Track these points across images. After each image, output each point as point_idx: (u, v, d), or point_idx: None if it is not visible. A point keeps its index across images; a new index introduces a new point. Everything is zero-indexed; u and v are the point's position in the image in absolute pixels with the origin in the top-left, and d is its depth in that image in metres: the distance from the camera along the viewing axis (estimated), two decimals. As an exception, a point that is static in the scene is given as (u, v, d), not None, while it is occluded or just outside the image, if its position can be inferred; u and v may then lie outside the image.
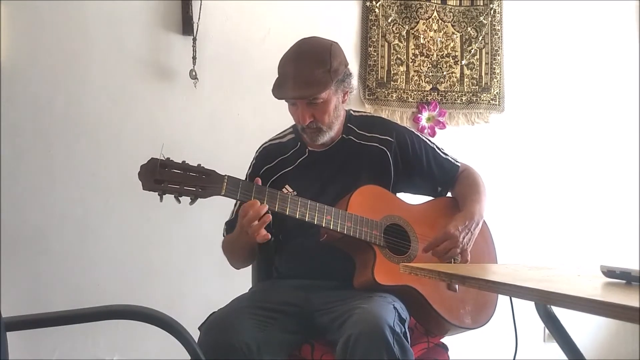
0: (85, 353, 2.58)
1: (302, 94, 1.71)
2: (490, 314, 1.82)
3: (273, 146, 1.91)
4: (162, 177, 1.51)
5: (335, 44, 1.79)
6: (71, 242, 2.58)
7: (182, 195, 1.53)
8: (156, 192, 1.51)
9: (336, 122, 1.80)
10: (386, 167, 1.85)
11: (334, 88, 1.74)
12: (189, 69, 2.61)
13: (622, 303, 0.88)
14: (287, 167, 1.85)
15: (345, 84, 1.79)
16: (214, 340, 1.54)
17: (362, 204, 1.73)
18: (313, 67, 1.70)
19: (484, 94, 2.94)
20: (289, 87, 1.71)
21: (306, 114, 1.73)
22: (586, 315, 0.97)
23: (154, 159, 1.52)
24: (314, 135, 1.79)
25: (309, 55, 1.73)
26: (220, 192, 1.57)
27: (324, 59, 1.72)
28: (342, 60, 1.77)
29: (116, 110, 2.62)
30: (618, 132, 3.09)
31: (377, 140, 1.86)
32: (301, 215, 1.65)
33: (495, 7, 2.94)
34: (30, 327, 1.19)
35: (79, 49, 2.59)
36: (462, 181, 1.94)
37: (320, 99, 1.72)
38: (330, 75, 1.71)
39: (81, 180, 2.59)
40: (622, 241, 3.00)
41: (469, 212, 1.79)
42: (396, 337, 1.48)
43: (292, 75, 1.71)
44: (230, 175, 1.59)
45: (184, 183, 1.53)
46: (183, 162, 1.55)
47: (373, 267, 1.67)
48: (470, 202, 1.83)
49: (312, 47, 1.76)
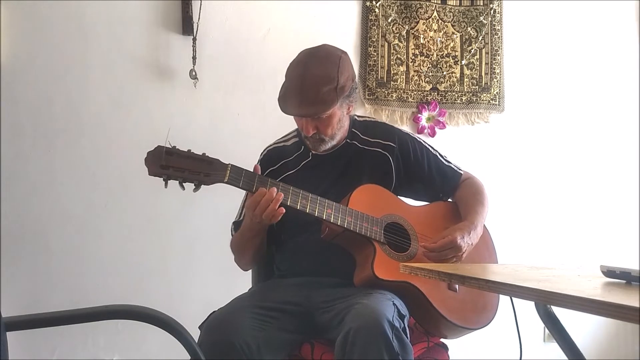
0: (85, 353, 2.58)
1: (307, 113, 1.72)
2: (491, 316, 1.82)
3: (277, 149, 1.93)
4: (168, 163, 1.55)
5: (344, 55, 1.78)
6: (71, 241, 2.58)
7: (186, 181, 1.57)
8: (161, 177, 1.55)
9: (339, 132, 1.82)
10: (388, 172, 1.86)
11: (339, 103, 1.74)
12: (189, 69, 2.61)
13: (622, 303, 0.88)
14: (290, 170, 1.87)
15: (351, 98, 1.79)
16: (214, 340, 1.55)
17: (363, 201, 1.74)
18: (320, 85, 1.69)
19: (484, 94, 2.94)
20: (295, 105, 1.71)
21: (310, 127, 1.75)
22: (586, 315, 0.97)
23: (160, 147, 1.56)
24: (317, 144, 1.82)
25: (317, 72, 1.71)
26: (224, 179, 1.59)
27: (331, 77, 1.71)
28: (349, 75, 1.76)
29: (116, 110, 2.62)
30: (618, 132, 3.09)
31: (380, 145, 1.87)
32: (302, 207, 1.66)
33: (495, 7, 2.94)
34: (30, 327, 1.18)
35: (78, 48, 2.59)
36: (465, 189, 1.94)
37: (324, 115, 1.73)
38: (337, 93, 1.71)
39: (81, 180, 2.59)
40: (622, 241, 3.00)
41: (473, 224, 1.79)
42: (395, 332, 1.48)
43: (298, 92, 1.70)
44: (233, 164, 1.62)
45: (189, 170, 1.56)
46: (188, 150, 1.59)
47: (373, 262, 1.67)
48: (474, 213, 1.84)
49: (320, 62, 1.73)
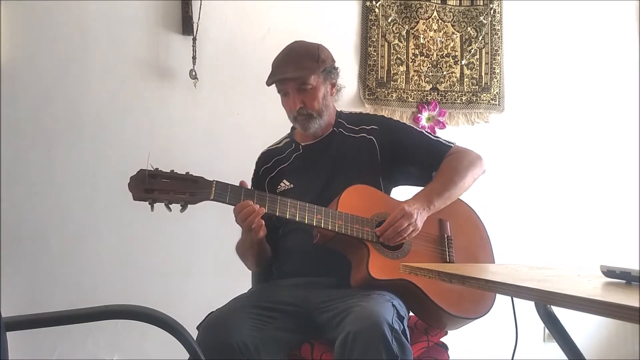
0: (85, 353, 2.58)
1: (292, 75, 1.81)
2: (489, 304, 1.80)
3: (270, 151, 2.01)
4: (152, 187, 1.56)
5: (322, 45, 1.92)
6: (71, 242, 2.58)
7: (172, 202, 1.58)
8: (147, 201, 1.56)
9: (326, 111, 1.88)
10: (373, 153, 1.89)
11: (322, 77, 1.86)
12: (189, 69, 2.61)
13: (622, 303, 0.88)
14: (283, 164, 1.94)
15: (332, 75, 1.90)
16: (212, 340, 1.55)
17: (352, 203, 1.74)
18: (302, 56, 1.84)
19: (484, 93, 2.94)
20: (280, 72, 1.82)
21: (297, 100, 1.83)
22: (586, 315, 0.97)
23: (142, 170, 1.57)
24: (305, 122, 1.86)
25: (299, 49, 1.87)
26: (209, 196, 1.61)
27: (312, 52, 1.86)
28: (329, 56, 1.90)
29: (116, 110, 2.62)
30: (618, 132, 3.09)
31: (364, 131, 1.93)
32: (291, 215, 1.68)
33: (495, 7, 2.94)
34: (30, 327, 1.18)
35: (78, 49, 2.60)
36: (446, 164, 1.88)
37: (309, 85, 1.82)
38: (318, 64, 1.84)
39: (81, 180, 2.59)
40: (622, 241, 3.00)
41: (425, 197, 1.78)
42: (395, 335, 1.48)
43: (283, 62, 1.83)
44: (218, 181, 1.63)
45: (173, 191, 1.57)
46: (171, 171, 1.59)
47: (367, 262, 1.67)
48: (430, 191, 1.81)
49: (301, 44, 1.90)
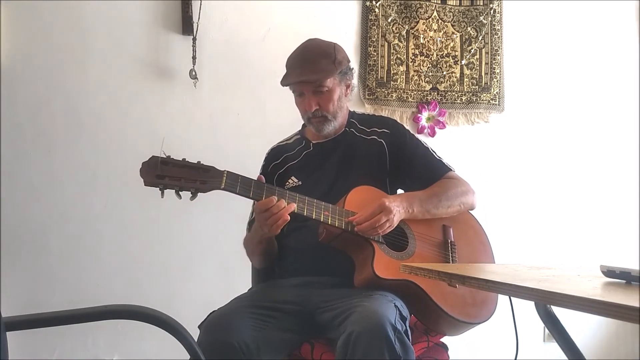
0: (85, 353, 2.58)
1: (308, 78, 1.82)
2: (492, 310, 1.82)
3: (280, 147, 2.02)
4: (163, 173, 1.54)
5: (337, 44, 1.92)
6: (71, 241, 2.58)
7: (182, 189, 1.56)
8: (157, 187, 1.54)
9: (340, 112, 1.90)
10: (382, 155, 1.91)
11: (338, 79, 1.86)
12: (189, 69, 2.61)
13: (622, 303, 0.88)
14: (292, 161, 1.95)
15: (347, 76, 1.91)
16: (213, 340, 1.55)
17: (359, 202, 1.74)
18: (319, 57, 1.84)
19: (484, 93, 2.94)
20: (297, 74, 1.83)
21: (312, 102, 1.84)
22: (586, 315, 0.97)
23: (155, 157, 1.55)
24: (320, 124, 1.88)
25: (315, 49, 1.87)
26: (220, 186, 1.59)
27: (329, 52, 1.86)
28: (345, 56, 1.91)
29: (116, 110, 2.62)
30: (618, 132, 3.09)
31: (375, 133, 1.94)
32: (300, 210, 1.67)
33: (495, 7, 2.94)
34: (30, 327, 1.18)
35: (78, 49, 2.60)
36: (439, 185, 1.87)
37: (325, 87, 1.83)
38: (335, 65, 1.84)
39: (81, 180, 2.59)
40: (622, 241, 3.00)
41: (406, 198, 1.77)
42: (397, 335, 1.48)
43: (299, 64, 1.83)
44: (229, 171, 1.62)
45: (185, 178, 1.56)
46: (183, 159, 1.58)
47: (372, 261, 1.67)
48: (415, 197, 1.79)
49: (317, 43, 1.90)
